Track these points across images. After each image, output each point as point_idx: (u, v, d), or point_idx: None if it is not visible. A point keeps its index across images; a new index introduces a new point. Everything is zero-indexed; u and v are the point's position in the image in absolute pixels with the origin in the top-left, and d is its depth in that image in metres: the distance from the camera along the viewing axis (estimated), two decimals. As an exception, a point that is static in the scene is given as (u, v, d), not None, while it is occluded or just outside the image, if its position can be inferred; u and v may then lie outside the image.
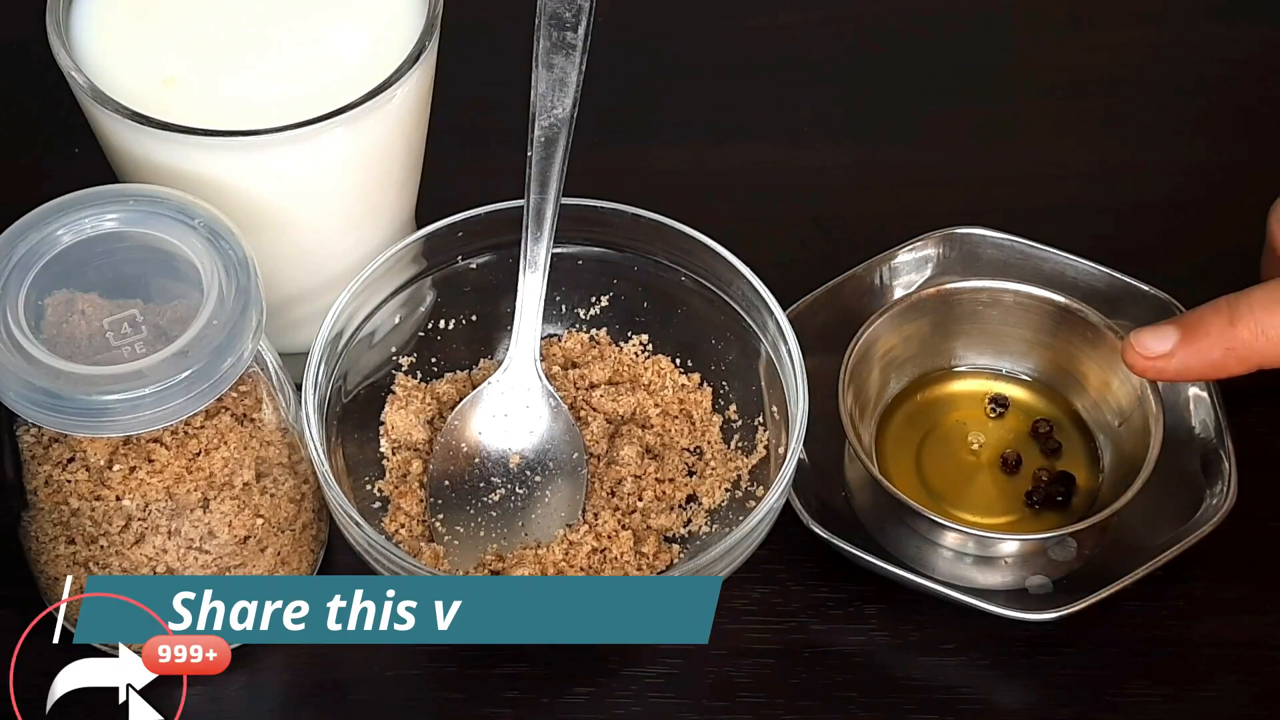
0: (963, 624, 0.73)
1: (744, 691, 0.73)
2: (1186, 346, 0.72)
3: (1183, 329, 0.72)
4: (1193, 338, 0.71)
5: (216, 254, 0.67)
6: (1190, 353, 0.71)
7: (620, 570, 0.72)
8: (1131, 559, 0.72)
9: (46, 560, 0.69)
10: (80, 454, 0.66)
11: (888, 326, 0.77)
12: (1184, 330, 0.72)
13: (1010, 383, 0.79)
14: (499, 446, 0.75)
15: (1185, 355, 0.72)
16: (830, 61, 0.93)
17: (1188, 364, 0.72)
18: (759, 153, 0.89)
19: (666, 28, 0.94)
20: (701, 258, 0.75)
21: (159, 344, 0.65)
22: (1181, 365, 0.72)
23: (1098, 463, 0.77)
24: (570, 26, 0.70)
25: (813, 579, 0.75)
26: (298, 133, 0.69)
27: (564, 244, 0.75)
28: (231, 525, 0.68)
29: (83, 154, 0.76)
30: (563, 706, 0.72)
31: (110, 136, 0.71)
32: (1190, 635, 0.74)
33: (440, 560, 0.73)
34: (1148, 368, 0.72)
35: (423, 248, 0.75)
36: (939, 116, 0.90)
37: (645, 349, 0.78)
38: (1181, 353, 0.72)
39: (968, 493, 0.76)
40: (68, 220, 0.67)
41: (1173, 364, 0.72)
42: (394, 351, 0.76)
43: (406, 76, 0.70)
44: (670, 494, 0.75)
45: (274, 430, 0.69)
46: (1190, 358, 0.72)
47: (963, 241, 0.80)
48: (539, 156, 0.72)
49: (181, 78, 0.70)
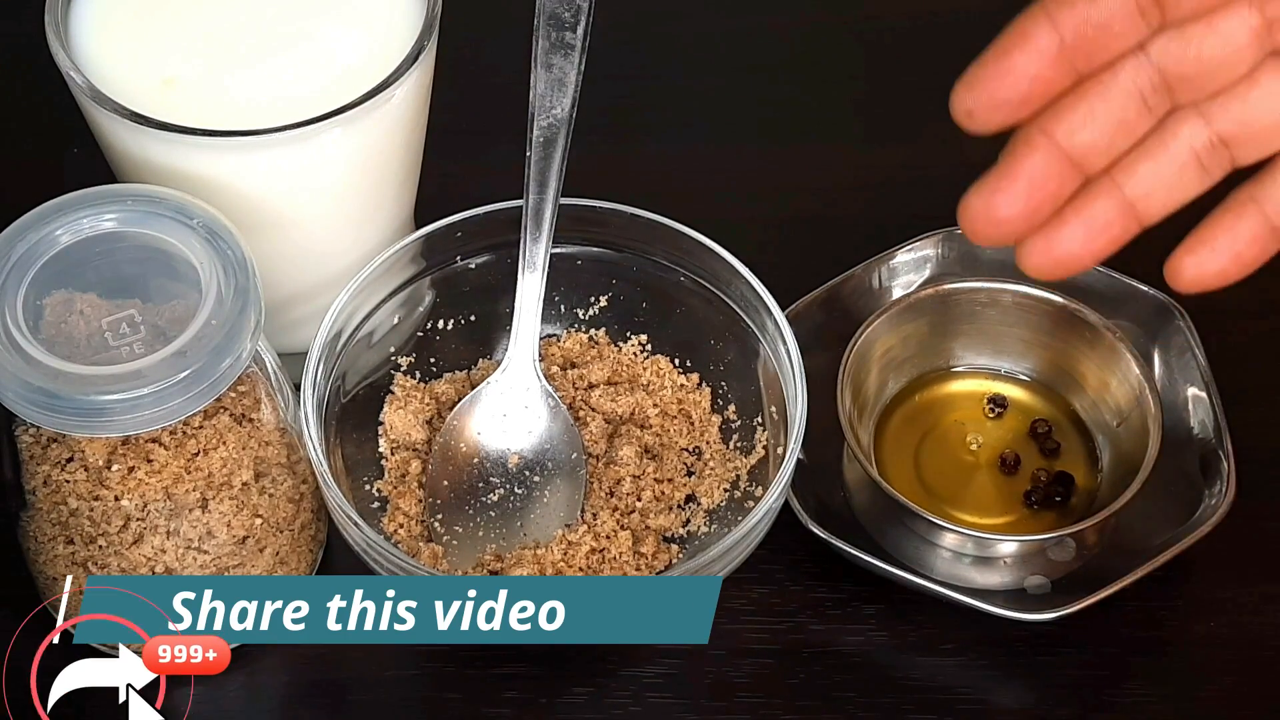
0: (961, 624, 0.73)
1: (743, 691, 0.73)
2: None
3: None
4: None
5: (215, 254, 0.67)
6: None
7: (619, 570, 0.72)
8: (1131, 559, 0.72)
9: (45, 560, 0.69)
10: (79, 454, 0.66)
11: (886, 327, 0.77)
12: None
13: (1009, 383, 0.79)
14: (498, 447, 0.75)
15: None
16: (830, 61, 0.93)
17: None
18: (758, 153, 0.89)
19: (666, 28, 0.94)
20: (700, 258, 0.75)
21: (157, 344, 0.65)
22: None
23: (1096, 463, 0.77)
24: (569, 26, 0.70)
25: (811, 579, 0.75)
26: (297, 133, 0.69)
27: (563, 244, 0.75)
28: (230, 525, 0.68)
29: (82, 154, 0.76)
30: (562, 706, 0.72)
31: (109, 136, 0.71)
32: (1190, 635, 0.74)
33: (439, 560, 0.73)
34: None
35: (422, 248, 0.75)
36: (939, 116, 0.90)
37: (644, 349, 0.78)
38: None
39: (966, 493, 0.76)
40: (66, 220, 0.67)
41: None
42: (393, 351, 0.76)
43: (406, 76, 0.70)
44: (669, 494, 0.75)
45: (273, 430, 0.69)
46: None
47: (962, 241, 0.80)
48: (538, 156, 0.72)
49: (181, 78, 0.70)
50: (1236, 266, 0.59)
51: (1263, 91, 0.57)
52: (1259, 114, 0.58)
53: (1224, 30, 0.57)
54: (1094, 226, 0.59)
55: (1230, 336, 0.80)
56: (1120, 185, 0.59)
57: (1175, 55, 0.57)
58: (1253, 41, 0.57)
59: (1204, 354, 0.77)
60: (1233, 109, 0.58)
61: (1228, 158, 0.59)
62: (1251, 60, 0.57)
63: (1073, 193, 0.59)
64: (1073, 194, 0.59)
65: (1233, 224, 0.59)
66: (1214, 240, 0.59)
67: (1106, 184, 0.59)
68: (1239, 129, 0.58)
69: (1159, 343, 0.78)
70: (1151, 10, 0.57)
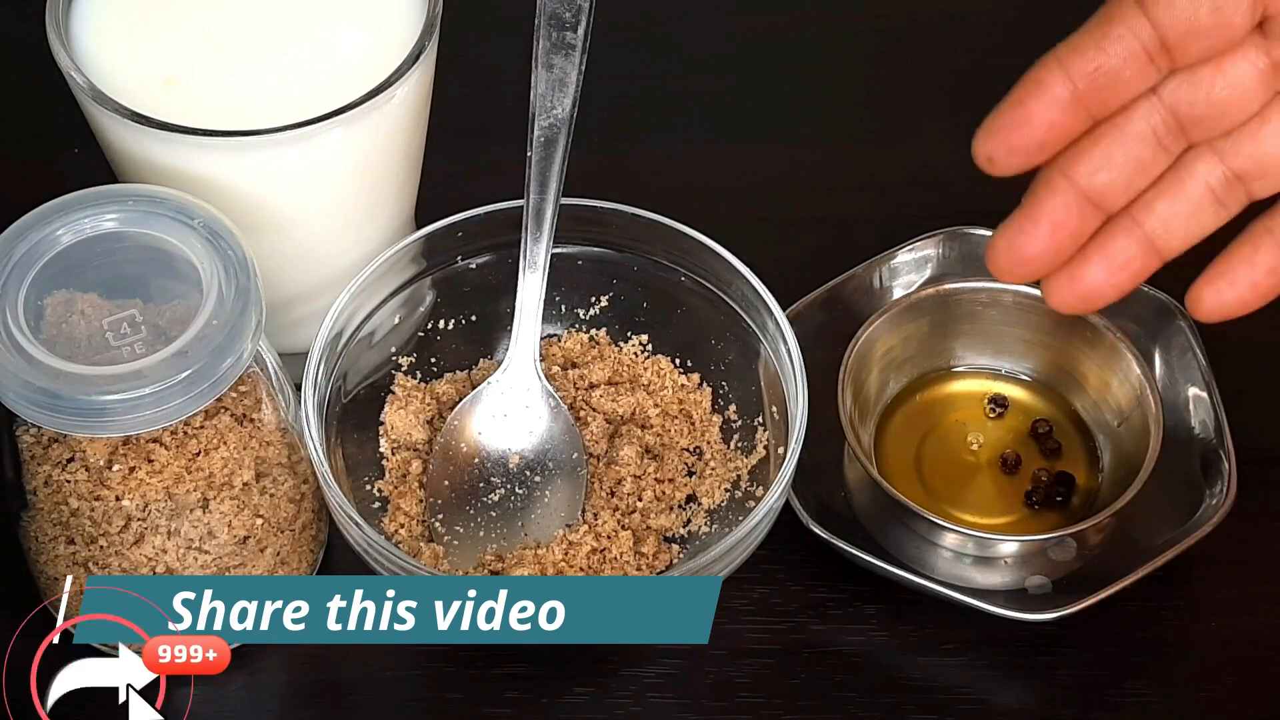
0: (962, 624, 0.73)
1: (743, 691, 0.73)
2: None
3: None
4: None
5: (216, 254, 0.67)
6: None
7: (620, 570, 0.72)
8: (1131, 559, 0.72)
9: (46, 560, 0.69)
10: (80, 454, 0.66)
11: (887, 327, 0.77)
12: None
13: (1009, 383, 0.79)
14: (498, 447, 0.75)
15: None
16: (831, 61, 0.93)
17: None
18: (759, 153, 0.89)
19: (667, 28, 0.94)
20: (701, 257, 0.75)
21: (158, 344, 0.65)
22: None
23: (1097, 463, 0.77)
24: (570, 27, 0.70)
25: (812, 579, 0.75)
26: (298, 133, 0.69)
27: (563, 244, 0.75)
28: (231, 525, 0.68)
29: (82, 154, 0.76)
30: (563, 706, 0.72)
31: (110, 136, 0.71)
32: (1190, 635, 0.74)
33: (440, 560, 0.73)
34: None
35: (422, 248, 0.75)
36: (940, 116, 0.90)
37: (645, 349, 0.78)
38: None
39: (967, 493, 0.76)
40: (67, 220, 0.67)
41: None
42: (393, 351, 0.76)
43: (406, 76, 0.70)
44: (670, 494, 0.75)
45: (273, 430, 0.69)
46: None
47: (962, 241, 0.80)
48: (539, 156, 0.72)
49: (182, 78, 0.70)
50: (1255, 296, 0.61)
51: (1274, 128, 0.59)
52: (1271, 150, 0.59)
53: (1232, 73, 0.58)
54: (1115, 262, 0.60)
55: (1230, 336, 0.80)
56: (1140, 222, 0.60)
57: (1186, 98, 0.59)
58: (1260, 83, 0.58)
59: (1204, 354, 0.77)
60: (1245, 146, 0.59)
61: (1243, 192, 0.60)
62: (1260, 100, 0.59)
63: (1094, 230, 0.60)
64: (1094, 232, 0.60)
65: (1250, 256, 0.60)
66: (1232, 273, 0.61)
67: (1126, 222, 0.60)
68: (1253, 165, 0.60)
69: (1160, 343, 0.78)
70: (1160, 56, 0.58)
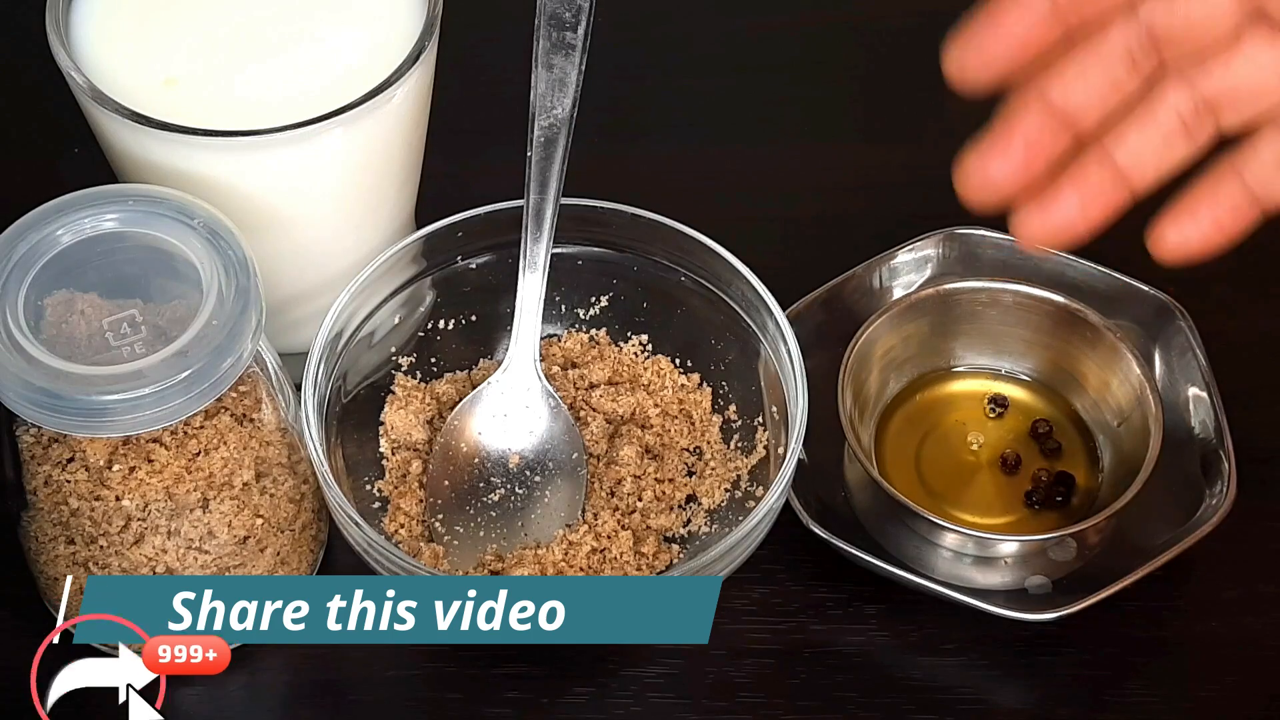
0: (962, 624, 0.73)
1: (744, 691, 0.73)
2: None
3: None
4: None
5: (216, 254, 0.67)
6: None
7: (620, 570, 0.72)
8: (1131, 559, 0.72)
9: (46, 560, 0.69)
10: (80, 454, 0.66)
11: (887, 327, 0.77)
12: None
13: (1009, 383, 0.79)
14: (498, 447, 0.75)
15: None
16: (831, 61, 0.93)
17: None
18: (758, 153, 0.89)
19: (666, 28, 0.94)
20: (701, 258, 0.75)
21: (158, 344, 0.65)
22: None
23: (1097, 463, 0.77)
24: (570, 27, 0.70)
25: (812, 579, 0.75)
26: (298, 133, 0.69)
27: (563, 244, 0.75)
28: (231, 525, 0.68)
29: (83, 154, 0.76)
30: (563, 706, 0.72)
31: (110, 136, 0.71)
32: (1190, 635, 0.74)
33: (440, 560, 0.73)
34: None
35: (422, 248, 0.75)
36: (940, 116, 0.90)
37: (645, 349, 0.78)
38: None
39: (967, 493, 0.76)
40: (67, 220, 0.67)
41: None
42: (394, 351, 0.76)
43: (406, 77, 0.70)
44: (670, 494, 0.75)
45: (273, 430, 0.69)
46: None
47: (962, 241, 0.80)
48: (539, 156, 0.72)
49: (182, 78, 0.70)
50: (1218, 234, 0.61)
51: (1245, 57, 0.60)
52: (1241, 78, 0.60)
53: None
54: (1088, 194, 0.61)
55: (1230, 336, 0.80)
56: (1111, 153, 0.60)
57: (1163, 15, 0.59)
58: (1235, 2, 0.59)
59: (1204, 354, 0.77)
60: (1216, 74, 0.60)
61: (1212, 122, 0.60)
62: (1234, 19, 0.59)
63: (1064, 155, 0.60)
64: (1065, 162, 0.60)
65: (1214, 192, 0.61)
66: (1196, 209, 0.61)
67: (1098, 153, 0.61)
68: (1224, 91, 0.60)
69: (1160, 343, 0.78)
70: None
